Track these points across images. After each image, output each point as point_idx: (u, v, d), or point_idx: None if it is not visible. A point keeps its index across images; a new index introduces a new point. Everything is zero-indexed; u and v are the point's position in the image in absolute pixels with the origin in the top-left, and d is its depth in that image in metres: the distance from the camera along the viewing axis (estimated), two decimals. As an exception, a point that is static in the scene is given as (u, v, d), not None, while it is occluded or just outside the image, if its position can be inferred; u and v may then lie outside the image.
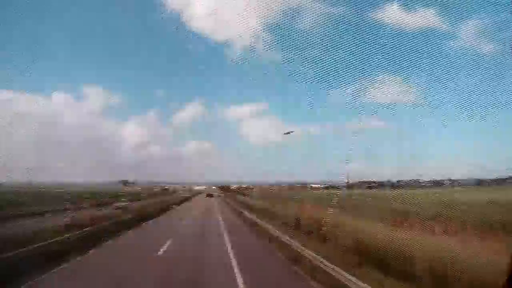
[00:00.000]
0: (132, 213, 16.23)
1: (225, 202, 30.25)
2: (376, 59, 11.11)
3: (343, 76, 11.75)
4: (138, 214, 16.71)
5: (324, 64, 11.76)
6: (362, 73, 11.75)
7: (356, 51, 11.40)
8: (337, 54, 11.65)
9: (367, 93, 12.30)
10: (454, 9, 10.89)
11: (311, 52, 11.66)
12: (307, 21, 11.77)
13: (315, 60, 11.61)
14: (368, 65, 11.52)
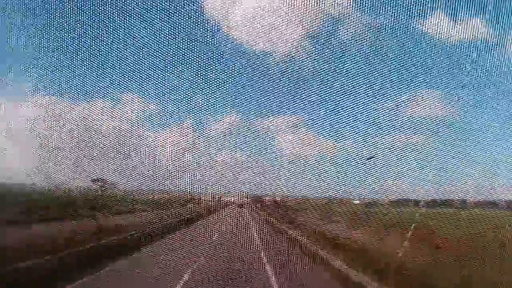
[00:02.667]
0: None
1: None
2: (418, 72, 10.29)
3: (382, 89, 10.93)
4: None
5: (364, 76, 10.79)
6: (403, 86, 10.97)
7: (396, 63, 10.67)
8: (377, 66, 10.67)
9: (407, 107, 11.26)
10: (502, 19, 9.74)
11: (350, 64, 10.72)
12: (347, 31, 10.84)
13: (355, 72, 10.64)
14: (409, 78, 10.70)
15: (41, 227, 12.85)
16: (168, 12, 13.95)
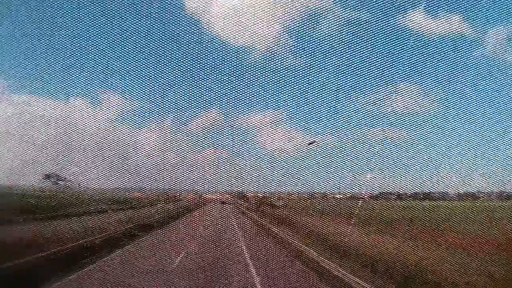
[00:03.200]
0: None
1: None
2: (400, 68, 10.48)
3: (363, 84, 11.04)
4: None
5: (346, 71, 10.80)
6: (383, 81, 11.10)
7: (377, 59, 10.80)
8: (358, 62, 10.73)
9: (388, 102, 11.37)
10: (480, 15, 10.14)
11: (332, 59, 10.73)
12: (328, 26, 10.76)
13: (336, 68, 10.62)
14: (390, 73, 10.85)
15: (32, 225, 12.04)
16: (147, 10, 13.26)
